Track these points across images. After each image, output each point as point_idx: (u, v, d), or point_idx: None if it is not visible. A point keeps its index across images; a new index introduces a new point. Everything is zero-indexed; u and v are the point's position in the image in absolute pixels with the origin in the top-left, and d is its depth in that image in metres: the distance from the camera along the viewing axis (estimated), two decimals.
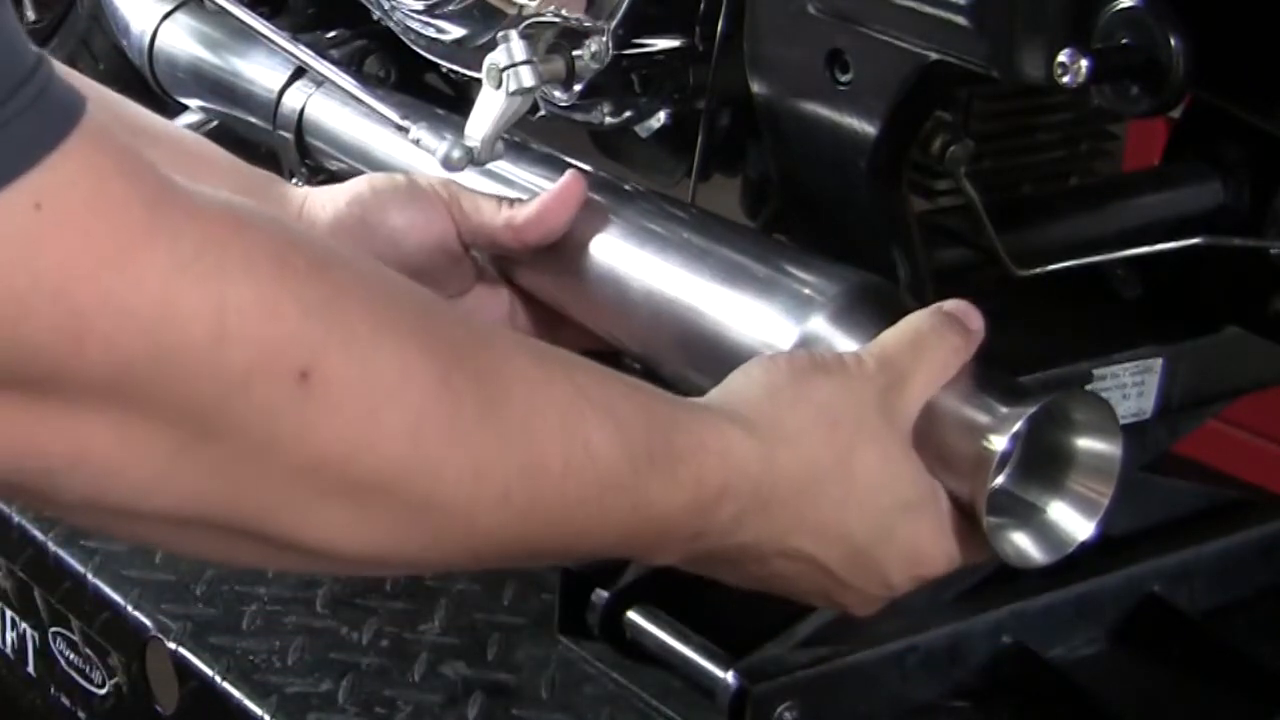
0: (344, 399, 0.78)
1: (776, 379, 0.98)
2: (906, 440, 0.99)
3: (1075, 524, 1.01)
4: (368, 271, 0.84)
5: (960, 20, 1.05)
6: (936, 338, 1.01)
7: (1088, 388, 1.26)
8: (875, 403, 0.98)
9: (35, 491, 0.77)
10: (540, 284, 1.21)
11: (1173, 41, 1.05)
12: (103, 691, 1.39)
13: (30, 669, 1.46)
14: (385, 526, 0.83)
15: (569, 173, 1.20)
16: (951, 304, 1.03)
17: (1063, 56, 1.03)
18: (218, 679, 1.27)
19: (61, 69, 0.74)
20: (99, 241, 0.71)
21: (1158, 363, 1.28)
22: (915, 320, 1.02)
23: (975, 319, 1.03)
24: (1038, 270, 1.22)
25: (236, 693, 1.26)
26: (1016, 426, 0.96)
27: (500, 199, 1.21)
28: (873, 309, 1.05)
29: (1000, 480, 1.00)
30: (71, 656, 1.41)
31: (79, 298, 0.71)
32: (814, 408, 0.97)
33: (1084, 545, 1.01)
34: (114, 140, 0.73)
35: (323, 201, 1.19)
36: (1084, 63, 1.03)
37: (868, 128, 1.14)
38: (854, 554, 0.99)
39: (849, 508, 0.98)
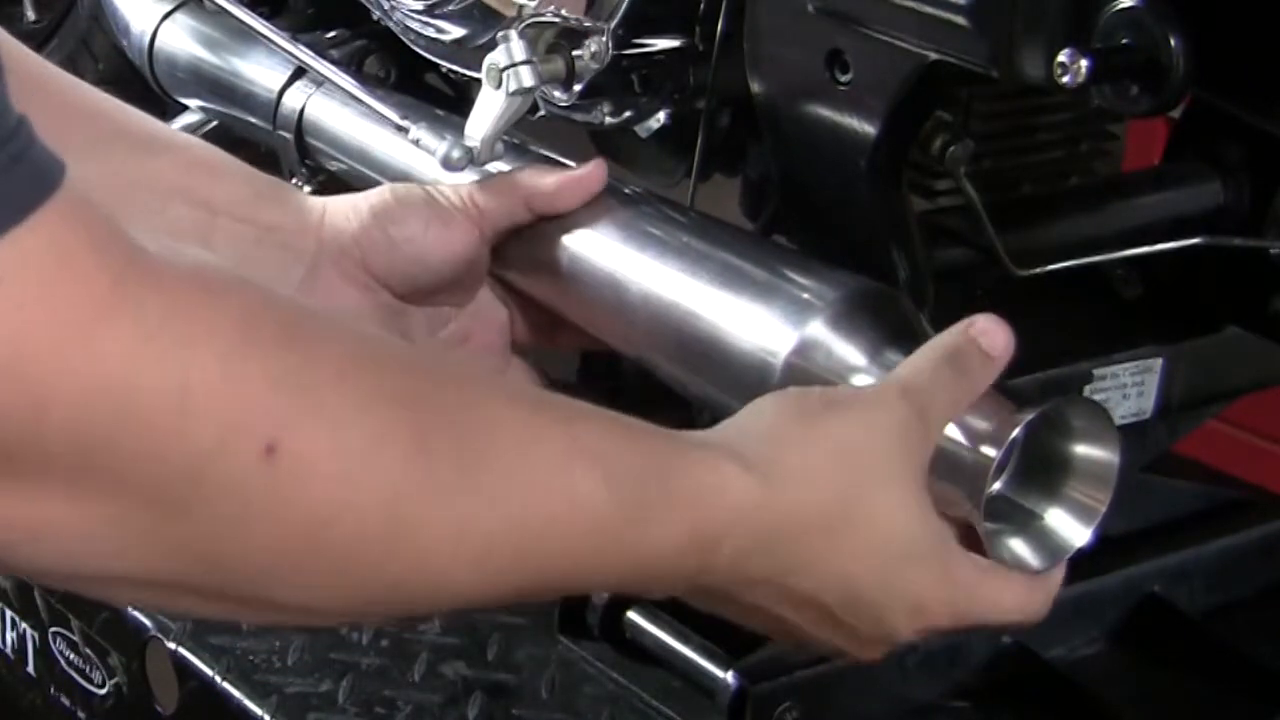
0: (314, 471, 0.77)
1: (786, 417, 0.96)
2: (922, 479, 0.96)
3: (1072, 530, 1.01)
4: (342, 334, 0.82)
5: (960, 20, 1.05)
6: (961, 366, 0.98)
7: (1087, 388, 1.26)
8: (893, 441, 0.95)
9: (10, 562, 0.75)
10: (540, 288, 1.21)
11: (1173, 41, 1.05)
12: (103, 691, 1.39)
13: (30, 669, 1.46)
14: (364, 591, 0.83)
15: (596, 161, 1.21)
16: (981, 324, 1.00)
17: (1063, 56, 1.03)
18: (218, 679, 1.27)
19: (72, 89, 0.72)
20: (61, 316, 0.70)
21: (1158, 363, 1.28)
22: (940, 345, 0.99)
23: (1002, 339, 1.00)
24: (1038, 270, 1.22)
25: (236, 693, 1.26)
26: (1014, 434, 0.96)
27: (518, 175, 1.21)
28: (872, 314, 1.05)
29: (997, 486, 1.00)
30: (71, 656, 1.41)
31: (39, 372, 0.70)
32: (823, 448, 0.94)
33: (1081, 552, 1.01)
34: (85, 210, 0.72)
35: (345, 213, 1.18)
36: (1084, 63, 1.03)
37: (868, 128, 1.14)
38: (856, 599, 0.96)
39: (854, 554, 0.95)
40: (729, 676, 1.18)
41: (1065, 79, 1.03)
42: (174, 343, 0.73)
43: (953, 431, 0.98)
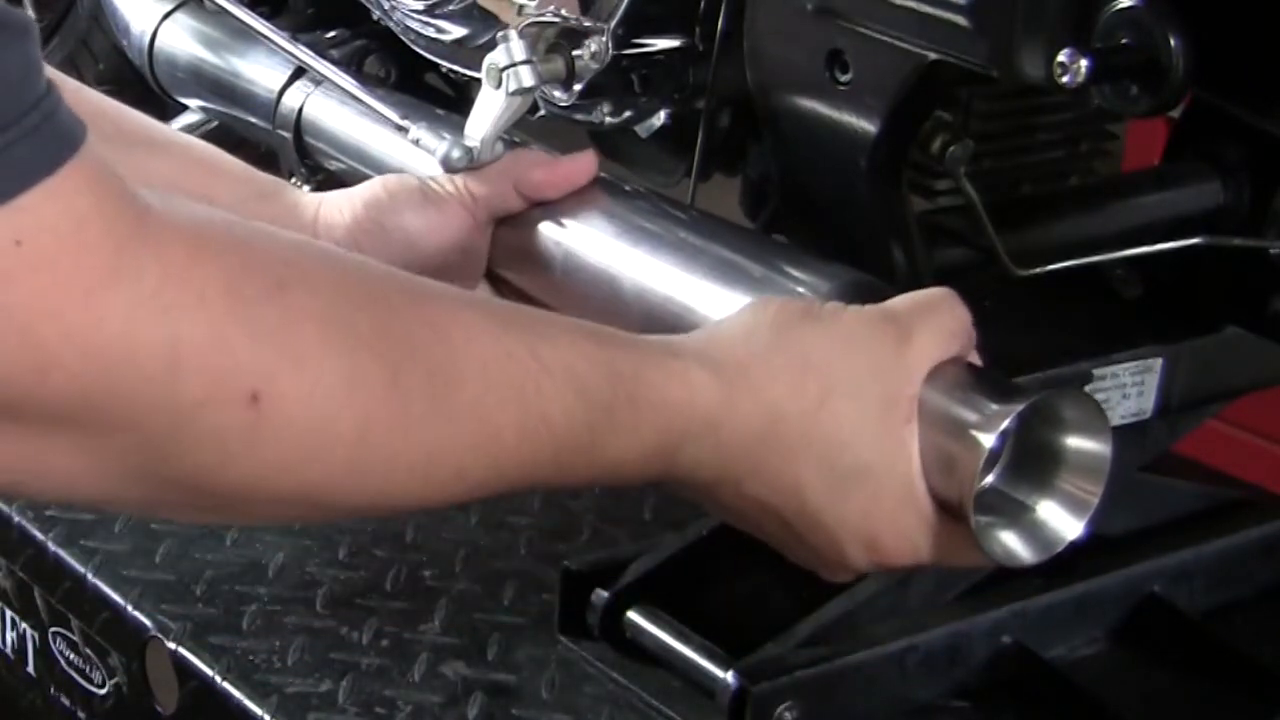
0: (294, 415, 0.83)
1: (760, 322, 0.99)
2: (897, 402, 0.97)
3: (1064, 523, 1.01)
4: (329, 278, 0.87)
5: (960, 20, 1.05)
6: (947, 307, 1.01)
7: (1087, 388, 1.26)
8: (864, 358, 0.97)
9: (26, 494, 0.85)
10: (535, 284, 1.22)
11: (1173, 41, 1.06)
12: (103, 691, 1.39)
13: (30, 669, 1.46)
14: (339, 510, 0.92)
15: (588, 151, 1.22)
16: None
17: (1063, 56, 1.03)
18: (218, 679, 1.27)
19: (73, 92, 0.76)
20: (67, 281, 0.76)
21: (1158, 363, 1.28)
22: (925, 291, 1.03)
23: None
24: (1038, 270, 1.22)
25: (236, 693, 1.26)
26: (1005, 424, 0.96)
27: (512, 160, 1.22)
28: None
29: (989, 479, 1.00)
30: (71, 656, 1.41)
31: (45, 333, 0.76)
32: (788, 353, 0.97)
33: (1073, 545, 1.01)
34: (101, 175, 0.78)
35: (339, 206, 1.19)
36: (1084, 63, 1.03)
37: (868, 128, 1.14)
38: (806, 512, 0.98)
39: (805, 460, 0.97)
40: (729, 676, 1.18)
41: (1065, 79, 1.04)
42: (167, 306, 0.78)
43: (944, 422, 0.98)
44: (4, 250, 0.74)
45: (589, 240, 1.17)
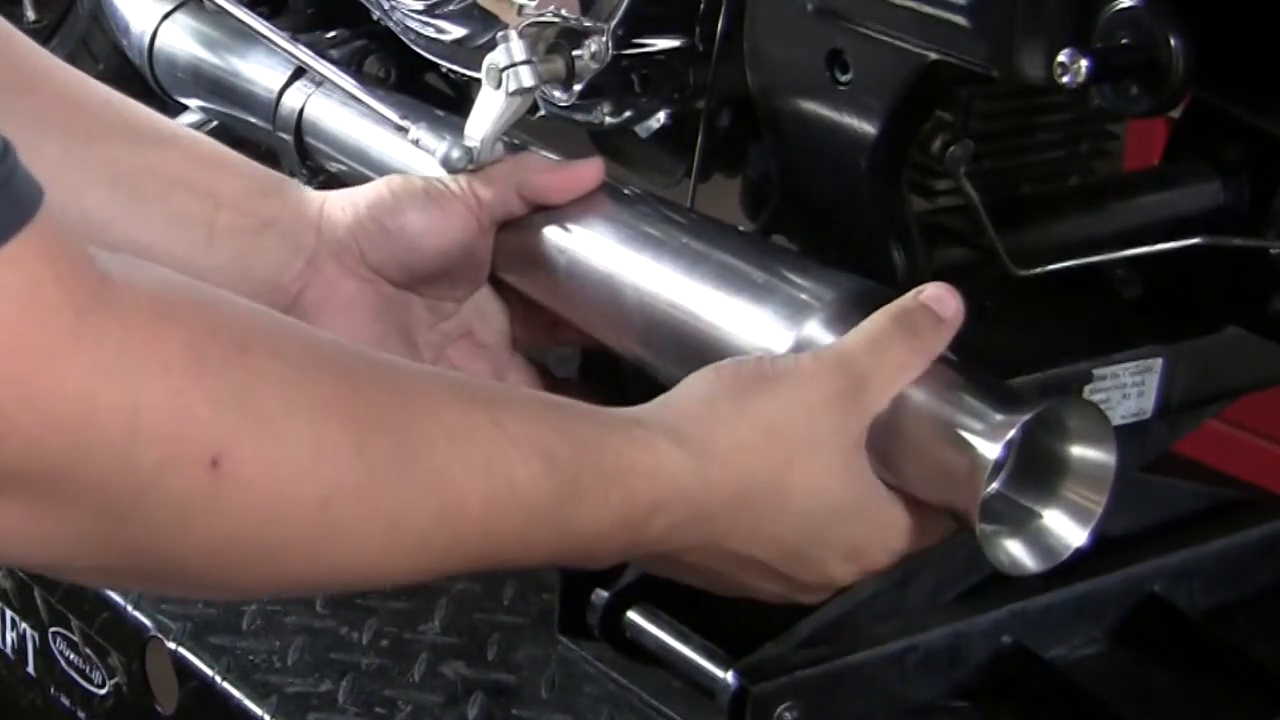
0: (255, 480, 0.82)
1: (718, 391, 0.99)
2: (852, 446, 0.99)
3: (1068, 531, 1.01)
4: (292, 345, 0.87)
5: (960, 20, 1.05)
6: (899, 337, 1.01)
7: (1087, 388, 1.26)
8: (823, 416, 0.99)
9: None
10: (538, 288, 1.21)
11: (1173, 41, 1.05)
12: (103, 691, 1.39)
13: (30, 669, 1.46)
14: (305, 581, 0.90)
15: (594, 158, 1.21)
16: (928, 293, 1.03)
17: (1063, 56, 1.03)
18: (218, 679, 1.27)
19: (78, 84, 0.75)
20: (27, 346, 0.75)
21: (1158, 363, 1.28)
22: (881, 316, 1.02)
23: (950, 305, 1.02)
24: (1038, 270, 1.22)
25: (236, 693, 1.26)
26: (1011, 434, 0.96)
27: (516, 162, 1.21)
28: (868, 314, 1.05)
29: (994, 487, 1.00)
30: (71, 656, 1.41)
31: (2, 398, 0.75)
32: (751, 421, 0.98)
33: (1077, 553, 1.01)
34: (58, 238, 0.77)
35: (342, 205, 1.19)
36: (1084, 63, 1.03)
37: (868, 128, 1.14)
38: (791, 554, 1.00)
39: (782, 517, 0.99)
40: (729, 676, 1.18)
41: (1065, 79, 1.03)
42: (128, 372, 0.78)
43: (949, 431, 0.98)
44: None
45: (592, 245, 1.17)
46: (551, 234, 1.19)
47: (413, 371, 0.94)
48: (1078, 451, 1.00)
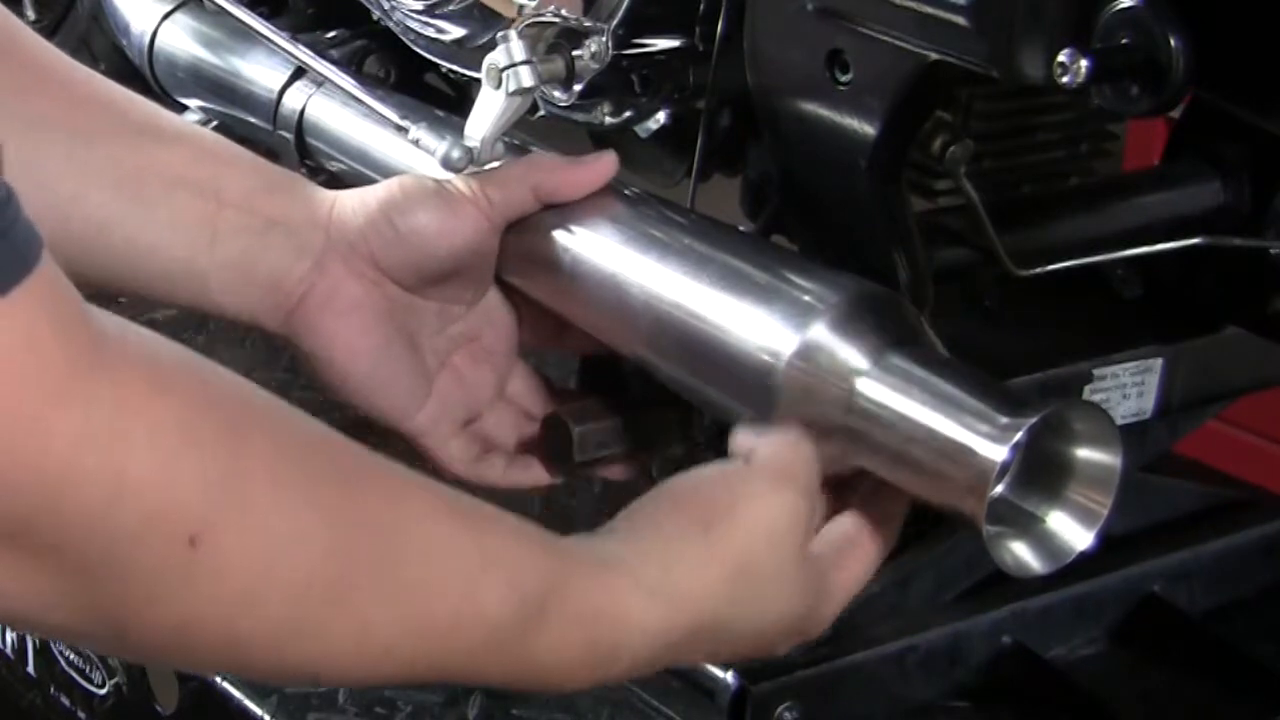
0: (231, 563, 0.81)
1: (687, 531, 1.01)
2: (805, 558, 1.03)
3: (1074, 534, 1.01)
4: (286, 432, 0.86)
5: (960, 20, 1.05)
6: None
7: (1087, 388, 1.26)
8: (788, 535, 1.02)
9: None
10: (543, 290, 1.21)
11: (1173, 41, 1.05)
12: (103, 691, 1.39)
13: (30, 669, 1.46)
14: (269, 673, 0.90)
15: (608, 152, 1.21)
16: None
17: (1063, 56, 1.03)
18: (218, 679, 1.27)
19: (84, 81, 0.74)
20: (17, 403, 0.74)
21: (1158, 363, 1.29)
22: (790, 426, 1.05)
23: None
24: (1038, 270, 1.22)
25: (236, 693, 1.26)
26: (1017, 437, 0.96)
27: (529, 162, 1.21)
28: (873, 316, 1.05)
29: (999, 490, 1.00)
30: (71, 656, 1.41)
31: None
32: (721, 560, 1.00)
33: (1083, 555, 1.01)
34: (56, 291, 0.76)
35: (352, 205, 1.18)
36: (1084, 63, 1.03)
37: (868, 128, 1.14)
38: (751, 649, 1.05)
39: (748, 636, 1.03)
40: (729, 676, 1.18)
41: (1065, 79, 1.03)
42: (117, 437, 0.77)
43: (957, 435, 0.98)
44: None
45: (597, 246, 1.17)
46: (556, 236, 1.19)
47: (404, 474, 0.93)
48: (1083, 454, 1.00)
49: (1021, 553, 1.00)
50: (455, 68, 1.43)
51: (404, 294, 1.18)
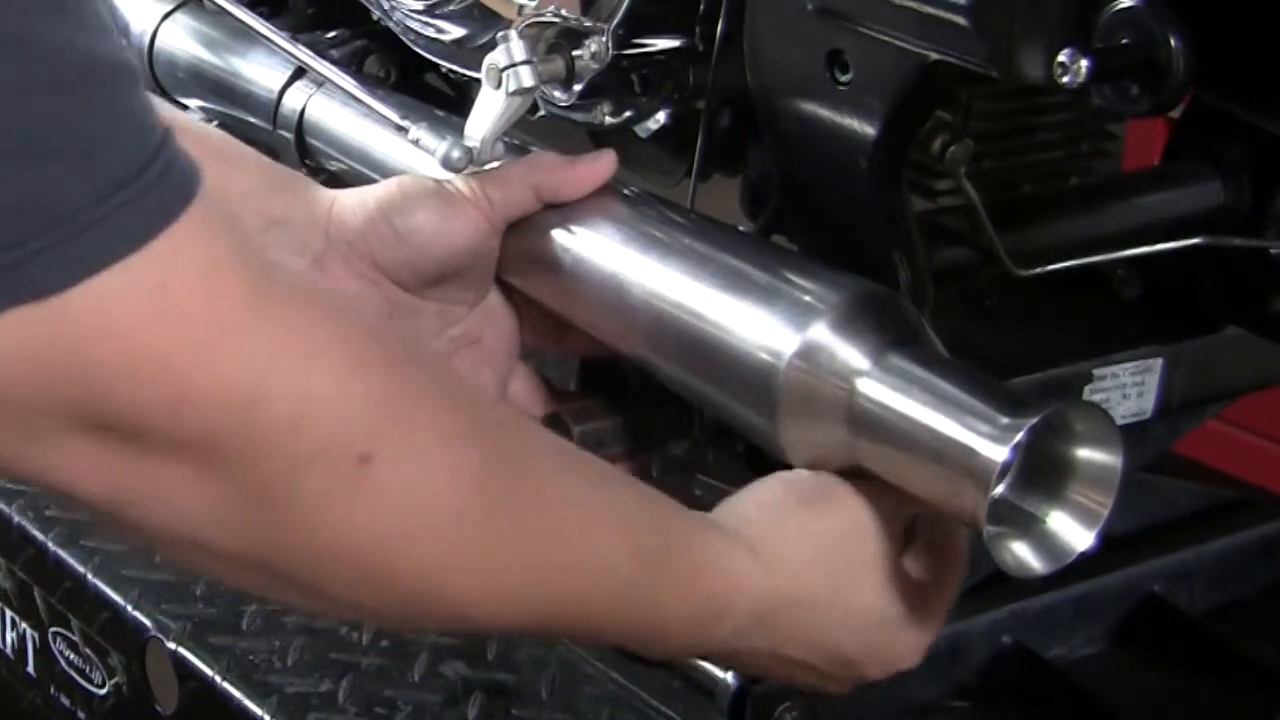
0: (396, 485, 0.86)
1: (788, 505, 1.05)
2: (896, 560, 1.07)
3: (1075, 534, 1.01)
4: (440, 372, 0.94)
5: (960, 20, 1.05)
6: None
7: (1087, 388, 1.26)
8: (874, 536, 1.06)
9: (121, 519, 0.85)
10: (544, 291, 1.21)
11: (1173, 41, 1.05)
12: (103, 691, 1.39)
13: (30, 669, 1.46)
14: (409, 601, 0.91)
15: (607, 151, 1.22)
16: None
17: (1063, 56, 1.03)
18: (218, 679, 1.27)
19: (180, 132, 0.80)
20: (208, 324, 0.79)
21: (1158, 363, 1.29)
22: None
23: None
24: (1038, 270, 1.22)
25: (236, 693, 1.26)
26: (1018, 437, 0.96)
27: (530, 162, 1.22)
28: (874, 317, 1.05)
29: (1000, 490, 1.00)
30: (71, 656, 1.41)
31: (183, 372, 0.78)
32: (817, 537, 1.04)
33: (1083, 555, 1.01)
34: (226, 219, 0.81)
35: (352, 205, 1.18)
36: (1084, 63, 1.03)
37: (868, 128, 1.14)
38: (840, 661, 1.07)
39: (841, 629, 1.06)
40: (729, 676, 1.18)
41: (1065, 79, 1.03)
42: (299, 359, 0.82)
43: (958, 435, 0.98)
44: (150, 293, 0.77)
45: (597, 246, 1.17)
46: (557, 236, 1.19)
47: (544, 433, 0.99)
48: (1084, 454, 1.00)
49: (1022, 553, 1.00)
50: (455, 68, 1.43)
51: (405, 295, 1.18)
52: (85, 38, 0.76)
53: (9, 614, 1.47)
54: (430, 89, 1.59)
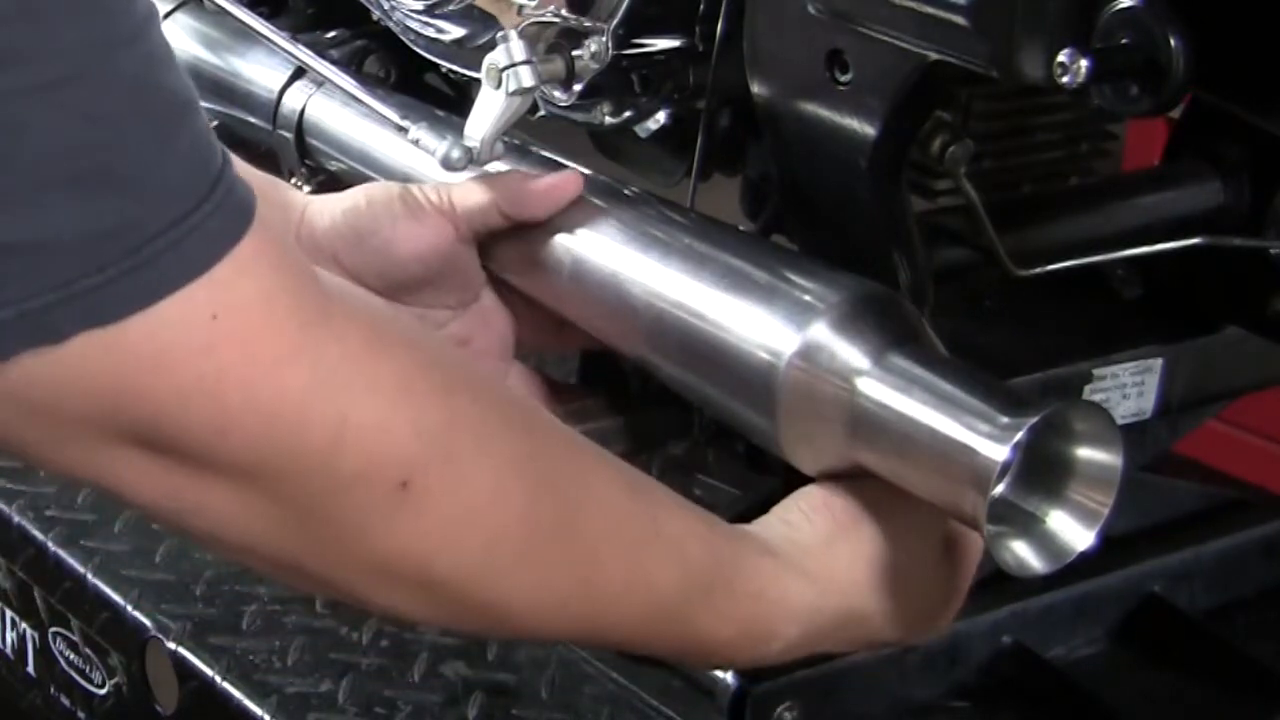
0: (434, 510, 0.89)
1: (835, 526, 1.07)
2: (941, 553, 1.09)
3: (1075, 533, 1.01)
4: (489, 397, 0.95)
5: (960, 20, 1.05)
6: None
7: (1087, 388, 1.26)
8: (928, 529, 1.08)
9: (170, 524, 0.90)
10: (542, 290, 1.21)
11: (1173, 41, 1.05)
12: (103, 691, 1.39)
13: (30, 669, 1.46)
14: (450, 612, 0.95)
15: (571, 171, 1.22)
16: None
17: (1063, 56, 1.03)
18: (218, 679, 1.27)
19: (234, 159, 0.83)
20: (258, 354, 0.82)
21: (1158, 363, 1.29)
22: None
23: None
24: (1038, 270, 1.22)
25: (236, 693, 1.26)
26: (1018, 436, 0.96)
27: (497, 177, 1.22)
28: (874, 316, 1.05)
29: (1000, 489, 1.00)
30: (71, 656, 1.41)
31: (232, 399, 0.82)
32: (867, 556, 1.07)
33: (1084, 554, 1.01)
34: (282, 249, 0.84)
35: (320, 210, 1.20)
36: (1084, 63, 1.03)
37: (868, 128, 1.14)
38: (877, 645, 1.12)
39: (884, 633, 1.09)
40: (729, 676, 1.18)
41: (1065, 79, 1.03)
42: (342, 387, 0.85)
43: (958, 434, 0.98)
44: (203, 322, 0.80)
45: (597, 247, 1.17)
46: (557, 236, 1.19)
47: (589, 448, 1.00)
48: (1084, 453, 1.00)
49: (1023, 552, 1.00)
50: (455, 68, 1.43)
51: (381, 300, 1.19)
52: (155, 69, 0.79)
53: (9, 614, 1.47)
54: (430, 89, 1.58)
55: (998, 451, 0.96)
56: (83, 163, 0.77)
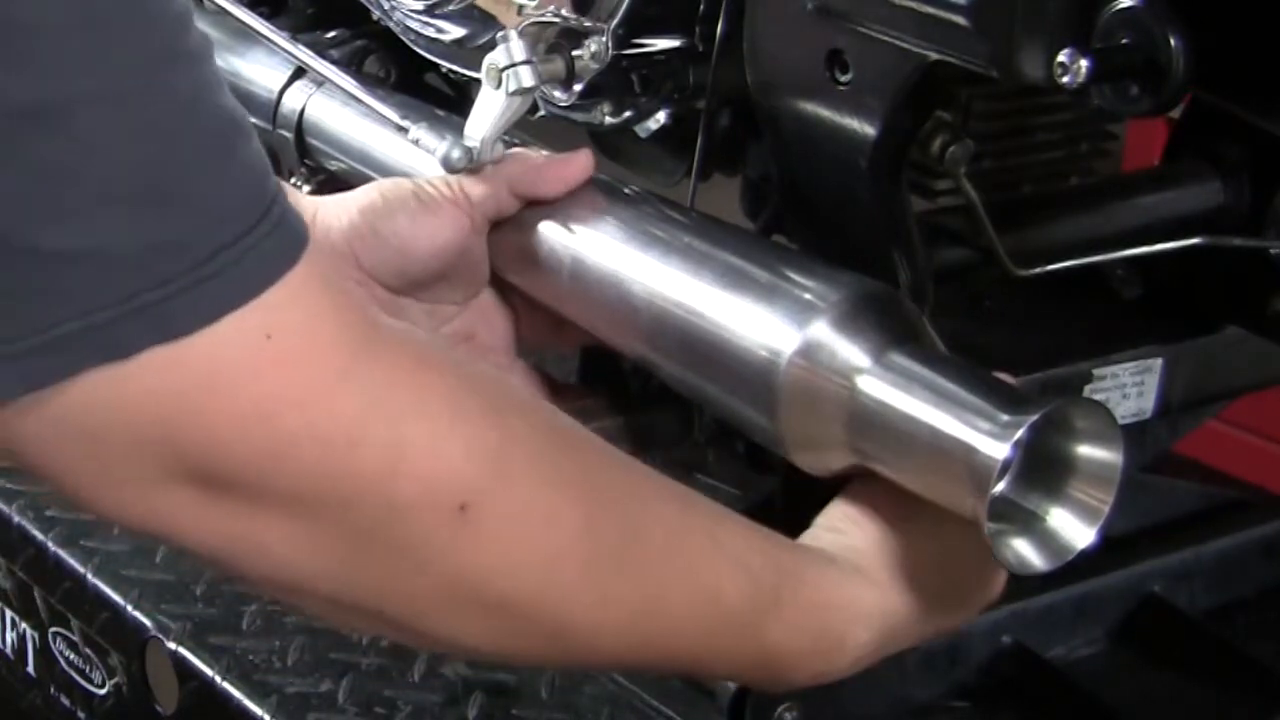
0: (493, 533, 0.88)
1: (889, 527, 1.07)
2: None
3: (1076, 531, 1.01)
4: (539, 418, 0.94)
5: (960, 20, 1.05)
6: None
7: (1088, 388, 1.26)
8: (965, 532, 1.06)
9: (226, 567, 0.88)
10: (542, 289, 1.21)
11: (1173, 41, 1.05)
12: (103, 691, 1.39)
13: (30, 669, 1.46)
14: (513, 637, 0.93)
15: (583, 150, 1.22)
16: None
17: (1063, 56, 1.03)
18: (218, 679, 1.27)
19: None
20: (310, 379, 0.82)
21: (1158, 363, 1.29)
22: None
23: None
24: (1038, 270, 1.22)
25: (236, 693, 1.26)
26: (1019, 434, 0.96)
27: (507, 159, 1.22)
28: (875, 314, 1.05)
29: (1001, 487, 1.00)
30: (71, 656, 1.41)
31: (288, 422, 0.81)
32: (927, 550, 1.06)
33: (1084, 552, 1.01)
34: (332, 271, 0.84)
35: (335, 212, 1.19)
36: (1084, 63, 1.03)
37: (868, 128, 1.14)
38: (948, 628, 1.12)
39: (950, 614, 1.10)
40: None
41: (1065, 79, 1.03)
42: (394, 412, 0.84)
43: (959, 432, 0.98)
44: (257, 345, 0.79)
45: (597, 245, 1.17)
46: (556, 234, 1.19)
47: (639, 467, 0.99)
48: (1085, 451, 1.00)
49: (1024, 550, 1.00)
50: (455, 68, 1.43)
51: (392, 296, 1.19)
52: (213, 91, 0.79)
53: (9, 614, 1.47)
54: (430, 89, 1.59)
55: (998, 449, 0.96)
56: (143, 176, 0.76)
